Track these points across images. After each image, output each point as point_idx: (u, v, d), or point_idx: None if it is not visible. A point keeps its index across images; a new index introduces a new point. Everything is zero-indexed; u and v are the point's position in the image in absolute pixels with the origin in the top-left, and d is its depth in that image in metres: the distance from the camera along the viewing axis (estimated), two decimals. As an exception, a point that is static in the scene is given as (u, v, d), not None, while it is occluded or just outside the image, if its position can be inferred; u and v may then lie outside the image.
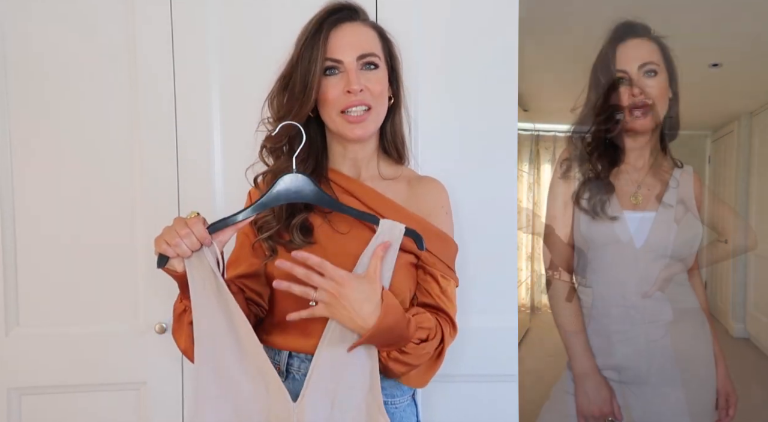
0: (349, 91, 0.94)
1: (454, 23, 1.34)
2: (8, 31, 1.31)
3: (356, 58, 0.95)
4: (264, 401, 0.89)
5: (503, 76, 1.35)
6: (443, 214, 1.03)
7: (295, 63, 0.96)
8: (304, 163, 1.00)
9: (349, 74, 0.95)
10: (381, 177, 1.04)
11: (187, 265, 0.88)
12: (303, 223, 0.97)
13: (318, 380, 0.89)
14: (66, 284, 1.35)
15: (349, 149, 1.03)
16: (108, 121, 1.34)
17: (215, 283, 0.89)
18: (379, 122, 1.00)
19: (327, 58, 0.94)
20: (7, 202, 1.33)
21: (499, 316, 1.36)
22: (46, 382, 1.36)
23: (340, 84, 0.95)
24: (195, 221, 0.87)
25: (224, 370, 0.89)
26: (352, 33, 0.96)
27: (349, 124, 0.96)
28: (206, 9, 1.32)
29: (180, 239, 0.85)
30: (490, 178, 1.35)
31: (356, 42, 0.96)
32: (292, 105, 0.96)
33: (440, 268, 0.99)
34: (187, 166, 1.34)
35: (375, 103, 0.97)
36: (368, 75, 0.97)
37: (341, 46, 0.95)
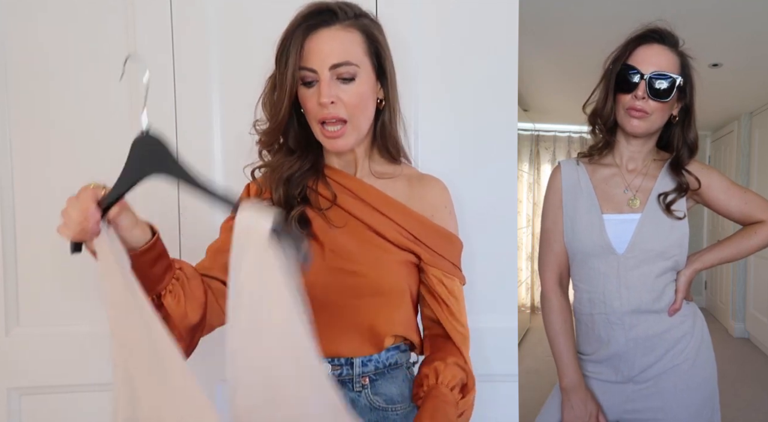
0: (320, 103, 0.91)
1: (454, 23, 1.34)
2: (8, 31, 1.31)
3: (329, 67, 0.91)
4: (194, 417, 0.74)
5: (503, 76, 1.34)
6: (446, 213, 1.03)
7: (276, 66, 0.94)
8: (302, 159, 0.99)
9: (320, 85, 0.91)
10: (378, 174, 1.02)
11: (97, 247, 0.75)
12: (301, 215, 0.96)
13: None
14: (66, 284, 1.35)
15: (339, 154, 1.02)
16: (108, 121, 1.34)
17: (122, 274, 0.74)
18: (361, 132, 0.97)
19: (301, 67, 0.91)
20: (7, 202, 1.33)
21: (499, 316, 1.36)
22: (46, 382, 1.36)
23: (315, 95, 0.92)
24: (70, 201, 0.76)
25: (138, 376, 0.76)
26: (327, 40, 0.91)
27: (327, 138, 0.94)
28: (206, 9, 1.32)
29: (64, 223, 0.76)
30: (490, 178, 1.35)
31: (330, 50, 0.91)
32: (275, 109, 0.95)
33: (444, 267, 0.99)
34: (187, 166, 1.34)
35: (350, 115, 0.93)
36: (343, 87, 0.92)
37: (314, 55, 0.91)
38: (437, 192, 1.03)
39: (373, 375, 0.97)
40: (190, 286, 0.87)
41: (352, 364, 0.96)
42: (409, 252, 0.97)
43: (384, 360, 0.98)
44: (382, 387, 0.97)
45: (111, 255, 0.74)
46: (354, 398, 0.96)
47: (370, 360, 0.97)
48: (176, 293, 0.85)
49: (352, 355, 0.96)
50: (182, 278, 0.87)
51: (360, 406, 0.96)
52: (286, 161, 0.98)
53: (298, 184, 0.98)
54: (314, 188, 1.00)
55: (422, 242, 0.98)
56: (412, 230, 0.97)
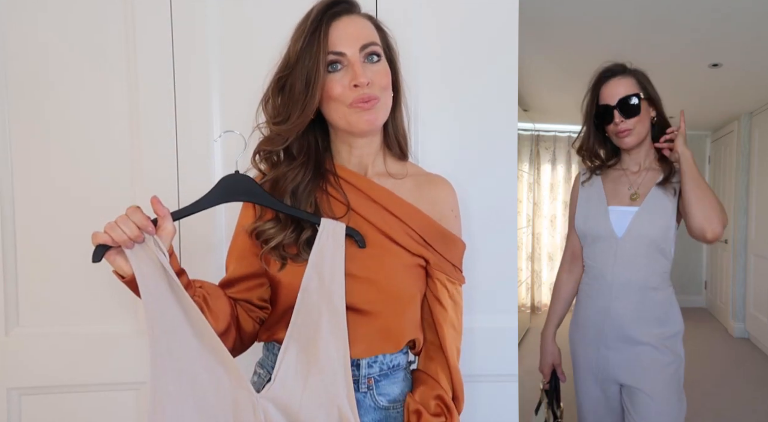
0: (356, 85, 0.90)
1: (454, 23, 1.34)
2: (8, 31, 1.31)
3: (359, 49, 0.91)
4: (227, 394, 0.88)
5: (503, 77, 1.34)
6: (452, 217, 1.03)
7: (293, 62, 0.92)
8: (304, 168, 0.97)
9: (354, 67, 0.90)
10: (388, 174, 1.01)
11: (132, 258, 0.84)
12: (311, 238, 0.94)
13: (285, 376, 0.89)
14: (66, 284, 1.35)
15: (355, 147, 1.00)
16: (108, 121, 1.34)
17: (166, 277, 0.86)
18: (387, 112, 0.96)
19: (330, 52, 0.90)
20: (7, 202, 1.34)
21: (499, 316, 1.36)
22: (46, 382, 1.36)
23: (345, 78, 0.91)
24: (133, 209, 0.85)
25: (183, 366, 0.87)
26: (352, 24, 0.92)
27: (360, 111, 0.92)
28: (206, 8, 1.32)
29: (117, 225, 0.83)
30: (491, 178, 1.35)
31: (357, 33, 0.92)
32: (294, 107, 0.92)
33: (448, 270, 0.99)
34: (187, 166, 1.34)
35: (382, 94, 0.93)
36: (372, 67, 0.93)
37: (343, 38, 0.91)
38: (445, 194, 1.03)
39: (377, 376, 0.98)
40: (212, 301, 0.93)
41: (359, 365, 0.96)
42: (418, 257, 0.97)
43: (388, 362, 0.99)
44: (385, 387, 0.98)
45: (155, 260, 0.85)
46: (359, 398, 0.96)
47: (375, 362, 0.97)
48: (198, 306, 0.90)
49: (359, 357, 0.96)
50: (203, 295, 0.93)
51: (365, 406, 0.97)
52: (289, 171, 0.97)
53: (305, 198, 0.96)
54: (324, 190, 0.98)
55: (431, 246, 0.98)
56: (422, 233, 0.97)
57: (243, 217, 1.02)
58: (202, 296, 0.92)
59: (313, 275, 0.91)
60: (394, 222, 0.97)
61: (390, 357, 0.99)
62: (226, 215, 1.33)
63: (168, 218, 0.88)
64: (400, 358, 1.01)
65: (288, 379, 0.90)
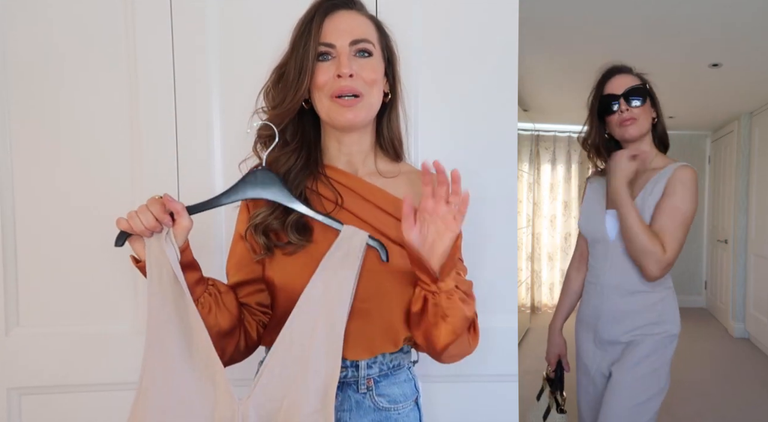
0: (339, 75, 0.92)
1: (455, 23, 1.34)
2: (9, 31, 1.31)
3: (349, 43, 0.93)
4: (209, 398, 0.88)
5: (503, 76, 1.34)
6: None
7: (290, 52, 0.95)
8: (296, 154, 0.99)
9: (340, 58, 0.93)
10: (379, 174, 1.02)
11: (147, 248, 0.88)
12: (299, 221, 0.95)
13: (267, 382, 0.89)
14: (66, 284, 1.35)
15: (343, 144, 1.01)
16: (108, 121, 1.34)
17: (172, 273, 0.88)
18: (372, 111, 0.97)
19: (320, 43, 0.93)
20: (7, 202, 1.34)
21: (499, 316, 1.36)
22: (46, 382, 1.36)
23: (332, 68, 0.93)
24: (153, 200, 0.87)
25: (170, 363, 0.88)
26: (346, 19, 0.95)
27: (340, 108, 0.94)
28: (206, 8, 1.32)
29: (136, 214, 0.86)
30: (491, 178, 1.35)
31: (349, 28, 0.94)
32: (288, 93, 0.95)
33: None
34: (187, 166, 1.34)
35: (366, 91, 0.94)
36: (361, 62, 0.94)
37: (335, 31, 0.93)
38: None
39: (377, 377, 0.97)
40: (223, 299, 0.94)
41: (357, 366, 0.96)
42: None
43: (388, 362, 0.98)
44: (385, 388, 0.98)
45: (164, 254, 0.87)
46: (359, 399, 0.96)
47: (374, 362, 0.97)
48: (206, 304, 0.92)
49: (357, 358, 0.96)
50: (215, 293, 0.94)
51: (364, 407, 0.96)
52: (281, 155, 0.98)
53: (296, 185, 0.97)
54: (314, 189, 0.99)
55: None
56: None
57: (239, 223, 1.02)
58: (214, 293, 0.94)
59: (318, 283, 0.90)
60: (388, 219, 0.97)
61: (390, 357, 0.99)
62: (226, 215, 1.33)
63: (183, 213, 0.89)
64: (401, 358, 1.01)
65: (269, 386, 0.89)
